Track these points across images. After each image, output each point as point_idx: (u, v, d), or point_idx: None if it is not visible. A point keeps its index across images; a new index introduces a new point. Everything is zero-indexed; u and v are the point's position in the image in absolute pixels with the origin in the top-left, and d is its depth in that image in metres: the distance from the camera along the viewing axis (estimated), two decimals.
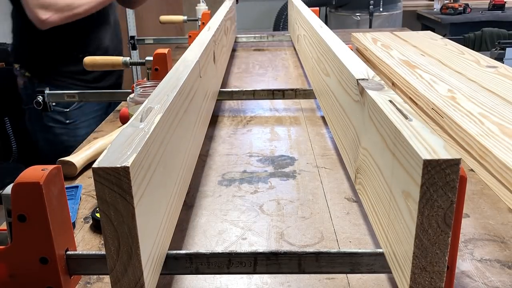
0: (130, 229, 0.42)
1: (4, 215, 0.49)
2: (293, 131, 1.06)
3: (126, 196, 0.40)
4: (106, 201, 0.41)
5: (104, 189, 0.40)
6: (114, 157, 0.41)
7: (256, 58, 1.80)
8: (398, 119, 0.49)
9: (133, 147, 0.43)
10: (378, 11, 3.72)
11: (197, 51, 0.85)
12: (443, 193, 0.40)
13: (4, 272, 0.50)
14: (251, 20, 4.36)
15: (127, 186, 0.40)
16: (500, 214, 0.71)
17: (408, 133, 0.45)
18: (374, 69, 1.55)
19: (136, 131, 0.47)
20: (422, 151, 0.40)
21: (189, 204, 0.75)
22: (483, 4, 3.96)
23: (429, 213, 0.40)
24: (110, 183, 0.40)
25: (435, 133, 0.45)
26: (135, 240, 0.42)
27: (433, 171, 0.39)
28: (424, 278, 0.42)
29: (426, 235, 0.41)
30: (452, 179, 0.39)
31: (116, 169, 0.40)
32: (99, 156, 0.42)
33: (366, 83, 0.61)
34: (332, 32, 1.03)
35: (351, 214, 0.71)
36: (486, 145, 0.80)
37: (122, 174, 0.40)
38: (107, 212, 0.41)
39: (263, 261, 0.52)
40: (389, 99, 0.55)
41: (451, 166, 0.39)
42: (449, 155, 0.40)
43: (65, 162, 0.84)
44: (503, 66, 1.32)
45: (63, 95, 1.27)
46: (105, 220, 0.41)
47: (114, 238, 0.42)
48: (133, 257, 0.43)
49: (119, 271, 0.43)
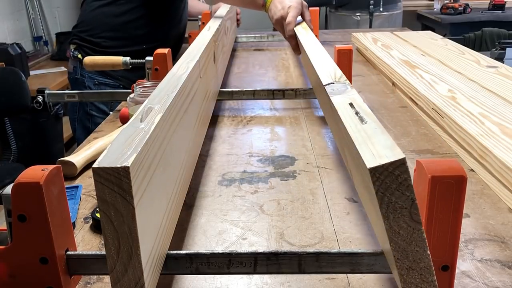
0: (130, 229, 0.41)
1: (4, 215, 0.49)
2: (293, 131, 1.06)
3: (126, 196, 0.40)
4: (106, 201, 0.41)
5: (104, 189, 0.40)
6: (114, 157, 0.41)
7: (256, 58, 1.80)
8: (353, 124, 0.50)
9: (133, 147, 0.43)
10: (378, 11, 3.72)
11: (197, 51, 0.85)
12: (401, 194, 0.40)
13: (4, 272, 0.50)
14: (251, 20, 4.35)
15: (127, 186, 0.40)
16: (500, 214, 0.71)
17: (358, 140, 0.45)
18: (374, 69, 1.55)
19: (136, 131, 0.47)
20: (368, 158, 0.40)
21: (189, 204, 0.75)
22: (483, 4, 3.96)
23: (394, 216, 0.40)
24: (110, 183, 0.40)
25: (385, 133, 0.45)
26: (135, 240, 0.42)
27: (382, 176, 0.39)
28: (413, 277, 0.42)
29: (399, 237, 0.41)
30: (404, 179, 0.39)
31: (116, 169, 0.40)
32: (99, 156, 0.42)
33: (331, 88, 0.62)
34: (312, 33, 1.03)
35: (351, 214, 0.71)
36: (486, 145, 0.80)
37: (122, 174, 0.40)
38: (107, 212, 0.41)
39: (263, 261, 0.52)
40: (349, 101, 0.55)
41: (398, 167, 0.39)
42: (393, 157, 0.39)
43: (65, 162, 0.84)
44: (503, 66, 1.32)
45: (63, 95, 1.27)
46: (105, 220, 0.41)
47: (114, 238, 0.42)
48: (133, 257, 0.43)
49: (119, 271, 0.43)
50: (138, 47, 1.58)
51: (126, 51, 1.37)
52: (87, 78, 1.61)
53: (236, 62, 1.76)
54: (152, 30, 1.62)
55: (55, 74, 3.38)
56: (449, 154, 0.91)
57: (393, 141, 0.43)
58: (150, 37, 1.61)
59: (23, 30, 3.87)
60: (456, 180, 0.46)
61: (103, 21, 1.60)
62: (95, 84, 1.61)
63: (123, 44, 1.59)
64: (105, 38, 1.59)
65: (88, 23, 1.62)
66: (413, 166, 0.88)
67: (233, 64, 1.71)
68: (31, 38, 3.98)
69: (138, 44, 1.60)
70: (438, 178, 0.46)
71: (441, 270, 0.49)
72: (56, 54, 3.78)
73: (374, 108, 1.17)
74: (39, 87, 1.28)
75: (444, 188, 0.46)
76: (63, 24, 4.10)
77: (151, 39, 1.61)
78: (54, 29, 4.06)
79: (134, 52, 1.40)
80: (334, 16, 3.93)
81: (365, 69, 1.57)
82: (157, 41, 1.58)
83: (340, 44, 1.35)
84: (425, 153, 0.92)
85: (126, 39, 1.60)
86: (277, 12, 1.50)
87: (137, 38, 1.60)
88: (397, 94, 1.28)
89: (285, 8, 1.48)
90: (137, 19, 1.59)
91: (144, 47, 1.55)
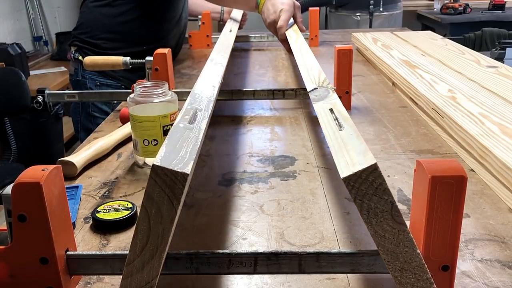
0: (164, 231, 0.41)
1: (4, 215, 0.49)
2: (293, 131, 1.06)
3: (173, 200, 0.40)
4: (152, 199, 0.41)
5: (155, 187, 0.40)
6: (172, 159, 0.41)
7: (256, 58, 1.80)
8: (331, 131, 0.50)
9: (188, 151, 0.44)
10: (378, 11, 3.72)
11: (224, 55, 0.85)
12: (379, 198, 0.40)
13: (4, 272, 0.50)
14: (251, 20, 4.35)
15: (179, 191, 0.40)
16: (501, 214, 0.71)
17: (335, 148, 0.45)
18: (374, 69, 1.55)
19: (186, 133, 0.48)
20: (342, 167, 0.41)
21: (189, 204, 0.75)
22: (483, 4, 3.96)
23: (377, 220, 0.40)
24: (163, 184, 0.40)
25: (360, 138, 0.45)
26: (164, 243, 0.42)
27: (357, 184, 0.39)
28: (408, 278, 0.42)
29: (386, 240, 0.41)
30: (379, 184, 0.39)
31: (176, 172, 0.40)
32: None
33: (314, 94, 0.62)
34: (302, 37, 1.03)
35: (352, 214, 0.71)
36: (487, 145, 0.80)
37: (180, 179, 0.40)
38: (149, 209, 0.41)
39: (264, 261, 0.52)
40: (330, 107, 0.56)
41: (371, 173, 0.39)
42: (365, 163, 0.40)
43: (65, 162, 0.84)
44: (503, 66, 1.32)
45: (63, 95, 1.27)
46: (143, 216, 0.41)
47: (145, 235, 0.42)
48: (155, 258, 0.42)
49: (136, 267, 0.43)
50: (139, 48, 1.58)
51: (127, 52, 1.36)
52: (89, 80, 1.61)
53: (236, 62, 1.76)
54: (152, 31, 1.62)
55: (55, 74, 3.38)
56: (449, 154, 0.91)
57: (366, 146, 0.43)
58: (150, 38, 1.61)
59: (23, 30, 3.87)
60: (457, 180, 0.46)
61: (102, 23, 1.59)
62: (96, 85, 1.61)
63: (123, 45, 1.59)
64: (105, 40, 1.59)
65: (88, 25, 1.62)
66: (413, 166, 0.88)
67: (233, 64, 1.71)
68: (31, 38, 3.98)
69: (139, 45, 1.59)
70: (439, 178, 0.46)
71: (441, 270, 0.49)
72: (56, 54, 3.79)
73: (374, 108, 1.17)
74: (39, 87, 1.28)
75: (444, 188, 0.46)
76: (63, 24, 4.10)
77: (151, 40, 1.60)
78: (54, 29, 4.07)
79: (135, 53, 1.40)
80: (334, 16, 3.93)
81: (365, 69, 1.57)
82: (157, 42, 1.57)
83: (340, 44, 1.35)
84: (425, 153, 0.92)
85: (126, 40, 1.59)
86: (270, 16, 1.52)
87: (137, 38, 1.60)
88: (397, 94, 1.28)
89: (277, 11, 1.49)
90: (135, 19, 1.58)
91: (145, 48, 1.55)
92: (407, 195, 0.76)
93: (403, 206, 0.73)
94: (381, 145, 0.94)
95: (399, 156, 0.90)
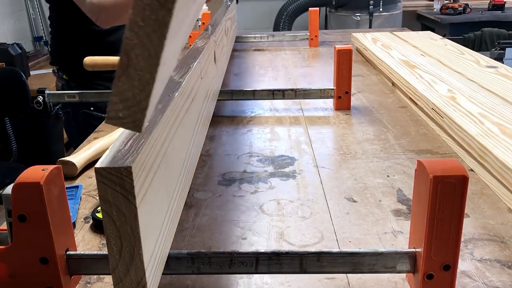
0: (132, 229, 0.41)
1: (4, 215, 0.49)
2: (293, 131, 1.06)
3: (128, 196, 0.40)
4: (109, 201, 0.41)
5: (107, 189, 0.40)
6: (116, 157, 0.41)
7: (256, 58, 1.80)
8: None
9: (135, 147, 0.43)
10: (378, 11, 3.73)
11: (198, 51, 0.85)
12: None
13: (4, 272, 0.50)
14: (251, 20, 4.36)
15: (129, 186, 0.40)
16: (500, 214, 0.71)
17: None
18: (374, 69, 1.55)
19: None
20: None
21: (189, 204, 0.75)
22: (483, 4, 3.96)
23: None
24: (112, 183, 0.40)
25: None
26: (137, 241, 0.42)
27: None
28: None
29: None
30: None
31: (119, 169, 0.40)
32: (99, 156, 0.42)
33: None
34: None
35: (351, 214, 0.71)
36: (486, 145, 0.80)
37: (125, 174, 0.40)
38: (110, 212, 0.41)
39: (265, 261, 0.52)
40: None
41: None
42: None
43: (66, 162, 0.84)
44: (503, 66, 1.32)
45: (63, 95, 1.27)
46: (108, 220, 0.41)
47: (117, 238, 0.42)
48: (136, 258, 0.42)
49: (122, 271, 0.43)
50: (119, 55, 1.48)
51: None
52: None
53: (236, 62, 1.76)
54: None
55: None
56: (448, 154, 0.91)
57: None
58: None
59: (23, 30, 3.87)
60: (458, 180, 0.46)
61: (72, 39, 1.49)
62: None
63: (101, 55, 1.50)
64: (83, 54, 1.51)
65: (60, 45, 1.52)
66: (412, 166, 0.88)
67: (233, 64, 1.71)
68: (31, 38, 3.98)
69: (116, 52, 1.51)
70: (440, 178, 0.46)
71: (443, 269, 0.49)
72: None
73: (374, 108, 1.17)
74: (39, 87, 1.28)
75: (445, 188, 0.46)
76: None
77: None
78: None
79: None
80: (334, 16, 3.93)
81: (365, 69, 1.57)
82: None
83: (340, 44, 1.35)
84: (425, 153, 0.92)
85: (102, 51, 1.44)
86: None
87: (112, 46, 1.48)
88: (396, 94, 1.28)
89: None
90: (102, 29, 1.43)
91: None
92: (406, 195, 0.76)
93: (403, 206, 0.73)
94: (381, 145, 0.94)
95: (398, 156, 0.90)
